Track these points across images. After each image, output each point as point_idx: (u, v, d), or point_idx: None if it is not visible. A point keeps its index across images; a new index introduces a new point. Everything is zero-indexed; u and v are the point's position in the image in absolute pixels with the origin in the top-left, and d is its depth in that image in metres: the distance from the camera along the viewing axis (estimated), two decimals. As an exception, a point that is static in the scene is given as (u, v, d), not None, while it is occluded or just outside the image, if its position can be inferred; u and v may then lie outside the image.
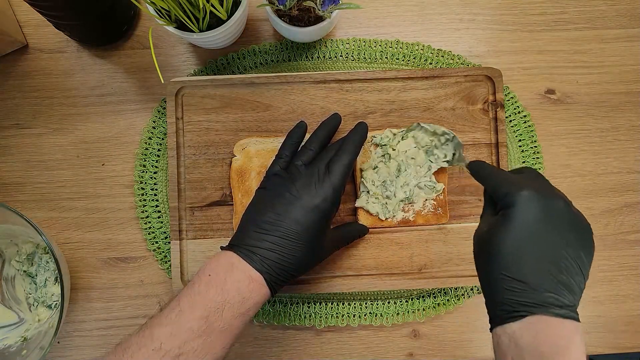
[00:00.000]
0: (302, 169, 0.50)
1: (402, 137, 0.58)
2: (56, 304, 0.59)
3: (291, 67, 0.63)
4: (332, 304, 0.62)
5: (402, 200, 0.58)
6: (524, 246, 0.38)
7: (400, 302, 0.62)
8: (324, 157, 0.50)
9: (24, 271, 0.60)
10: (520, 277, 0.37)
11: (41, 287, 0.60)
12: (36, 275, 0.60)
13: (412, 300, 0.62)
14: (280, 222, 0.46)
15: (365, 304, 0.62)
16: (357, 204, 0.59)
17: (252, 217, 0.49)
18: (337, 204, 0.50)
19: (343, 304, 0.62)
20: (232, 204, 0.59)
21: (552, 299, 0.36)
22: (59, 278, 0.53)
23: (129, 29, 0.63)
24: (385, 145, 0.58)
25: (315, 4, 0.53)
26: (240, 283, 0.44)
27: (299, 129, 0.54)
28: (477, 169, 0.46)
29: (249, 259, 0.45)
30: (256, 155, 0.59)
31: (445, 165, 0.57)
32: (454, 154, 0.56)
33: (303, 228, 0.46)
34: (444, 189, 0.59)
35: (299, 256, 0.46)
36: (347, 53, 0.63)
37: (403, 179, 0.58)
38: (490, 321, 0.39)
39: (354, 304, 0.62)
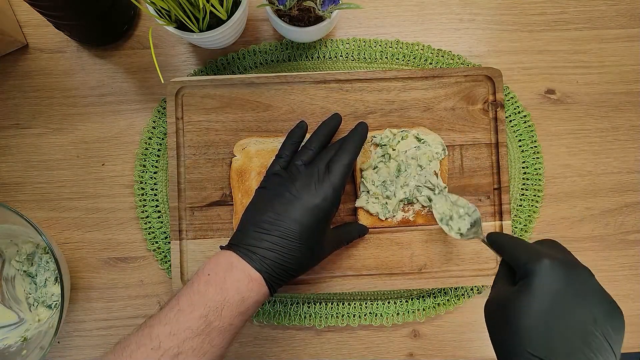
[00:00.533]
0: (302, 168, 0.50)
1: (402, 138, 0.58)
2: (56, 304, 0.59)
3: (291, 67, 0.63)
4: (332, 304, 0.62)
5: (401, 200, 0.58)
6: (549, 320, 0.34)
7: (400, 302, 0.62)
8: (324, 157, 0.50)
9: (24, 271, 0.60)
10: (549, 357, 0.33)
11: (41, 287, 0.60)
12: (36, 275, 0.60)
13: (412, 300, 0.62)
14: (279, 221, 0.46)
15: (365, 304, 0.62)
16: (357, 204, 0.59)
17: (252, 216, 0.49)
18: (337, 204, 0.49)
19: (343, 304, 0.62)
20: (232, 204, 0.59)
21: None
22: (59, 278, 0.53)
23: (129, 29, 0.63)
24: (385, 145, 0.58)
25: (315, 4, 0.53)
26: (239, 282, 0.44)
27: (299, 129, 0.54)
28: (495, 239, 0.44)
29: (248, 258, 0.45)
30: (256, 155, 0.59)
31: (457, 237, 0.55)
32: (469, 228, 0.54)
33: (303, 228, 0.46)
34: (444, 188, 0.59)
35: (299, 256, 0.46)
36: (347, 53, 0.63)
37: (403, 179, 0.58)
38: None
39: (354, 304, 0.62)
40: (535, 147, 0.63)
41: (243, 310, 0.44)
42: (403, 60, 0.63)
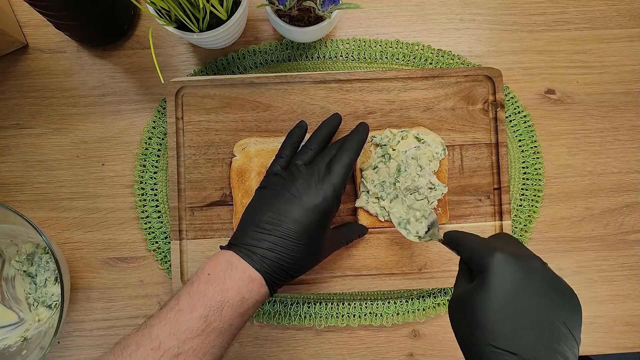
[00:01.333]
0: (302, 168, 0.50)
1: (402, 138, 0.58)
2: (56, 304, 0.59)
3: (291, 67, 0.63)
4: (332, 304, 0.62)
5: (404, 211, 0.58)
6: (508, 311, 0.35)
7: (400, 302, 0.62)
8: (324, 157, 0.50)
9: (24, 271, 0.60)
10: (512, 349, 0.33)
11: (41, 287, 0.60)
12: (36, 275, 0.60)
13: (412, 300, 0.62)
14: (279, 221, 0.46)
15: (365, 304, 0.62)
16: (357, 204, 0.59)
17: (252, 216, 0.48)
18: (337, 204, 0.49)
19: (343, 304, 0.62)
20: (232, 204, 0.59)
21: None
22: (58, 278, 0.53)
23: (129, 29, 0.63)
24: (385, 145, 0.58)
25: (315, 4, 0.53)
26: (239, 282, 0.44)
27: (299, 128, 0.54)
28: (451, 238, 0.45)
29: (248, 258, 0.45)
30: (256, 155, 0.59)
31: (416, 240, 0.54)
32: (427, 230, 0.54)
33: (302, 228, 0.46)
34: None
35: (299, 256, 0.46)
36: (347, 53, 0.63)
37: (403, 180, 0.58)
38: None
39: (354, 304, 0.62)
40: (535, 147, 0.63)
41: (243, 310, 0.44)
42: (403, 60, 0.63)
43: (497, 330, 0.34)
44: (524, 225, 0.62)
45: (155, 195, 0.62)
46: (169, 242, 0.61)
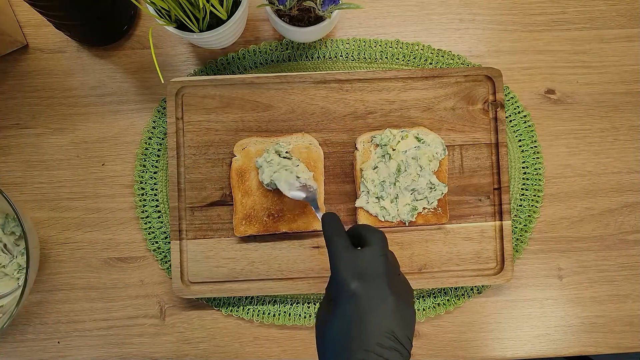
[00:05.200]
0: None
1: (402, 138, 0.58)
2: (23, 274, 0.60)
3: (291, 67, 0.63)
4: (332, 304, 0.62)
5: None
6: (350, 336, 0.39)
7: (400, 302, 0.62)
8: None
9: None
10: None
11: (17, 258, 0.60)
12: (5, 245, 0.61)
13: (412, 300, 0.62)
14: None
15: (365, 304, 0.62)
16: (357, 204, 0.59)
17: None
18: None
19: (343, 304, 0.62)
20: (232, 204, 0.59)
21: None
22: (24, 241, 0.53)
23: (129, 29, 0.63)
24: (385, 145, 0.58)
25: (315, 4, 0.53)
26: None
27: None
28: (323, 225, 0.45)
29: None
30: (256, 155, 0.59)
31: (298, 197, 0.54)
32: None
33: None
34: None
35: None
36: (347, 53, 0.63)
37: (403, 180, 0.58)
38: None
39: (354, 304, 0.62)
40: (535, 147, 0.63)
41: None
42: (403, 60, 0.63)
43: (343, 353, 0.39)
44: (524, 225, 0.62)
45: (155, 195, 0.62)
46: (169, 242, 0.61)
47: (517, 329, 0.62)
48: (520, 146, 0.63)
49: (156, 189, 0.62)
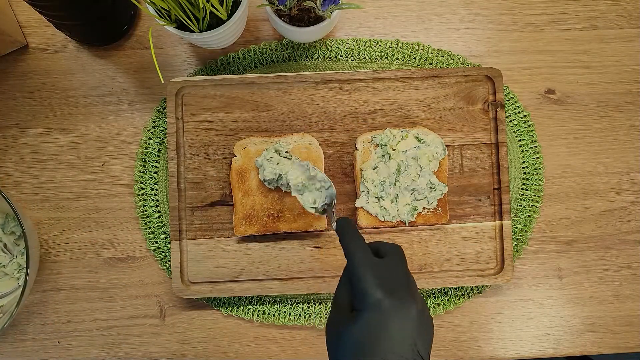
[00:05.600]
0: None
1: (402, 138, 0.58)
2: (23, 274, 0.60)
3: (291, 67, 0.63)
4: (332, 304, 0.62)
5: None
6: (372, 350, 0.38)
7: (400, 302, 0.62)
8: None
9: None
10: None
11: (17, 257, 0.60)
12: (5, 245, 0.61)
13: (412, 300, 0.62)
14: None
15: (365, 304, 0.62)
16: (357, 204, 0.59)
17: None
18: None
19: (343, 304, 0.62)
20: (232, 204, 0.59)
21: None
22: (24, 240, 0.53)
23: (129, 29, 0.63)
24: (385, 145, 0.58)
25: (315, 4, 0.53)
26: None
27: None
28: (341, 231, 0.44)
29: None
30: (256, 155, 0.59)
31: (312, 211, 0.53)
32: (325, 204, 0.54)
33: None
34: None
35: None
36: (347, 53, 0.63)
37: (403, 180, 0.58)
38: None
39: (354, 304, 0.62)
40: (535, 147, 0.63)
41: None
42: (403, 60, 0.63)
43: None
44: (524, 225, 0.62)
45: (155, 195, 0.62)
46: (169, 242, 0.61)
47: (517, 329, 0.62)
48: (520, 146, 0.63)
49: (156, 189, 0.62)
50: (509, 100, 0.63)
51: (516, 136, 0.63)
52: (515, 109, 0.63)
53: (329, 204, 0.54)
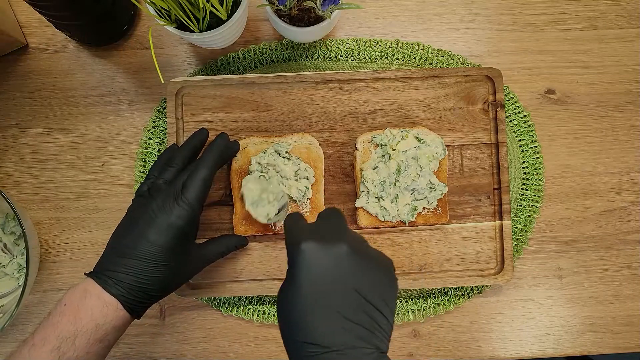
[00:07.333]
0: (163, 187, 0.49)
1: (402, 138, 0.58)
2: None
3: (291, 67, 0.63)
4: (332, 304, 0.62)
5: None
6: (311, 304, 0.36)
7: (400, 302, 0.62)
8: (183, 174, 0.49)
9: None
10: (316, 341, 0.35)
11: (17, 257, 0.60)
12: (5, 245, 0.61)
13: (412, 300, 0.62)
14: (136, 244, 0.45)
15: (365, 304, 0.62)
16: (357, 204, 0.59)
17: (113, 241, 0.48)
18: (194, 220, 0.48)
19: (343, 304, 0.62)
20: (232, 204, 0.59)
21: (355, 353, 0.34)
22: (24, 241, 0.53)
23: (129, 29, 0.63)
24: (385, 145, 0.58)
25: (315, 4, 0.53)
26: (93, 309, 0.43)
27: (167, 151, 0.54)
28: (285, 225, 0.44)
29: (104, 284, 0.44)
30: (256, 155, 0.59)
31: (264, 221, 0.54)
32: (277, 213, 0.54)
33: (158, 248, 0.45)
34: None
35: (159, 277, 0.45)
36: (347, 53, 0.63)
37: (403, 180, 0.58)
38: None
39: (354, 304, 0.62)
40: (535, 147, 0.63)
41: (100, 336, 0.43)
42: (403, 60, 0.63)
43: (304, 326, 0.35)
44: (524, 225, 0.62)
45: (155, 195, 0.62)
46: (169, 242, 0.61)
47: (517, 329, 0.62)
48: (520, 146, 0.63)
49: (156, 189, 0.62)
50: (509, 100, 0.63)
51: (516, 136, 0.63)
52: (515, 109, 0.63)
53: (279, 212, 0.54)
